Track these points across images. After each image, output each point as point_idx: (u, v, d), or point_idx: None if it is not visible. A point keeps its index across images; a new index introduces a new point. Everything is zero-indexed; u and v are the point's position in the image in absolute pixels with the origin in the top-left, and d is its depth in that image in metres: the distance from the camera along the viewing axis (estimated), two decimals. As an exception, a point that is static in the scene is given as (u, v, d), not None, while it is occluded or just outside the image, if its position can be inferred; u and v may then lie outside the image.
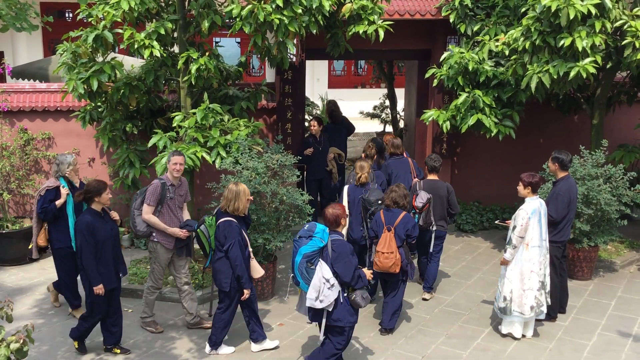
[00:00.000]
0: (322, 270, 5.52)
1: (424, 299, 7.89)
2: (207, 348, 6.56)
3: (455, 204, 7.80)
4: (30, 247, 7.18)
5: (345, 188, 7.84)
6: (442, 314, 7.56)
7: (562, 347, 6.74)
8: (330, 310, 5.59)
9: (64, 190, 6.96)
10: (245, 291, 6.25)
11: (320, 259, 5.57)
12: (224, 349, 6.58)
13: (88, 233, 5.97)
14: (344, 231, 7.33)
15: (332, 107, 11.42)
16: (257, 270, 6.45)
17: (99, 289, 6.04)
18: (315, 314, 5.72)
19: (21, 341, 3.82)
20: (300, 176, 8.17)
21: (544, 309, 6.81)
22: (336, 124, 11.24)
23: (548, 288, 6.86)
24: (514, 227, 6.65)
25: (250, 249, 6.44)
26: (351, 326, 5.77)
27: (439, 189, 7.68)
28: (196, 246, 7.08)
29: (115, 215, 6.40)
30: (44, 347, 6.61)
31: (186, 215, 7.00)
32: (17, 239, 8.94)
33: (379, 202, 7.11)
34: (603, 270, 8.84)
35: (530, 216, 6.58)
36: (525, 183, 6.68)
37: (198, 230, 6.35)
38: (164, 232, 6.73)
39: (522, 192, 6.72)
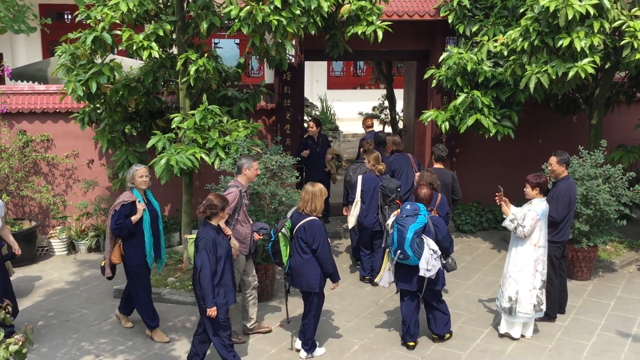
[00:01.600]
0: (429, 243, 6.24)
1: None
2: (303, 354, 6.46)
3: (458, 190, 8.40)
4: (102, 264, 6.79)
5: (360, 178, 8.17)
6: (442, 314, 7.55)
7: (561, 348, 6.73)
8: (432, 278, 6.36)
9: (140, 206, 6.57)
10: (335, 284, 6.46)
11: (423, 234, 6.27)
12: (319, 351, 6.58)
13: (212, 250, 5.70)
14: (353, 219, 7.79)
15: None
16: None
17: (213, 312, 5.70)
18: (418, 282, 6.42)
19: (20, 343, 3.82)
20: (300, 177, 8.18)
21: (543, 307, 6.83)
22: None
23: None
24: (523, 226, 6.51)
25: None
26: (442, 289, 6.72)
27: (445, 177, 8.19)
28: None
29: (228, 230, 6.10)
30: (43, 349, 6.61)
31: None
32: (17, 240, 8.89)
33: (399, 189, 7.88)
34: (602, 270, 8.84)
35: (540, 217, 6.57)
36: (533, 184, 6.63)
37: (280, 234, 6.24)
38: (239, 238, 6.64)
39: (531, 194, 6.66)
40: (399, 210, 6.46)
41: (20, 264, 8.98)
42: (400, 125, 14.84)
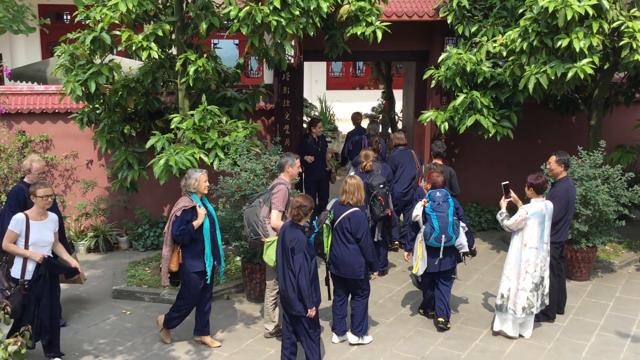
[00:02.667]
0: (460, 223, 6.97)
1: None
2: (353, 338, 6.72)
3: (456, 186, 8.73)
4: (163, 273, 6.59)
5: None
6: (441, 315, 7.56)
7: (560, 348, 6.74)
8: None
9: (202, 211, 6.42)
10: (376, 273, 6.73)
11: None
12: (368, 338, 6.82)
13: (308, 251, 5.81)
14: None
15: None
16: None
17: (313, 312, 5.83)
18: (454, 260, 7.05)
19: (19, 344, 3.82)
20: (299, 177, 8.18)
21: (534, 311, 6.80)
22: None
23: (547, 290, 6.88)
24: (508, 219, 6.71)
25: None
26: None
27: (443, 172, 8.14)
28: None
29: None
30: (41, 349, 6.59)
31: None
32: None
33: (381, 185, 7.99)
34: (601, 270, 8.84)
35: (531, 217, 6.57)
36: (528, 184, 6.71)
37: (325, 225, 6.39)
38: None
39: (527, 193, 6.76)
40: (425, 200, 6.89)
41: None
42: (400, 125, 14.86)
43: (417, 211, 6.93)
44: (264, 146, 8.19)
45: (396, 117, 15.68)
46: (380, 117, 16.41)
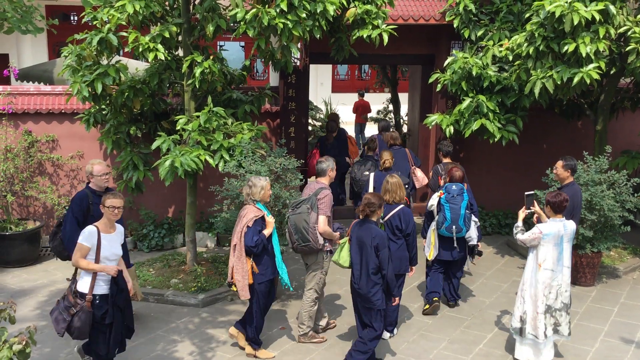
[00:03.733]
0: (472, 217, 7.39)
1: None
2: (387, 335, 6.98)
3: (466, 180, 8.94)
4: (233, 289, 6.31)
5: (372, 175, 8.56)
6: (444, 319, 7.55)
7: (564, 353, 6.72)
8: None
9: (271, 219, 6.33)
10: (414, 268, 6.94)
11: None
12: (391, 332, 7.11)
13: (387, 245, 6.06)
14: None
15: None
16: None
17: (398, 300, 6.52)
18: (462, 250, 7.50)
19: (23, 343, 3.83)
20: (303, 179, 8.19)
21: (549, 333, 6.28)
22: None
23: (563, 316, 6.33)
24: (522, 233, 6.31)
25: None
26: None
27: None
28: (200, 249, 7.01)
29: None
30: (46, 349, 6.62)
31: None
32: (21, 240, 8.96)
33: (406, 185, 8.23)
34: (606, 276, 8.82)
35: (545, 237, 6.10)
36: (545, 201, 6.24)
37: (381, 223, 6.56)
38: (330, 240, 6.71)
39: (546, 210, 6.29)
40: (442, 192, 7.33)
41: (24, 264, 9.01)
42: (405, 129, 14.85)
43: (433, 201, 7.46)
44: (269, 148, 8.20)
45: (401, 121, 15.67)
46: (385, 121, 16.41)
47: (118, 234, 5.82)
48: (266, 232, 6.24)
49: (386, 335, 6.96)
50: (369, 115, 17.81)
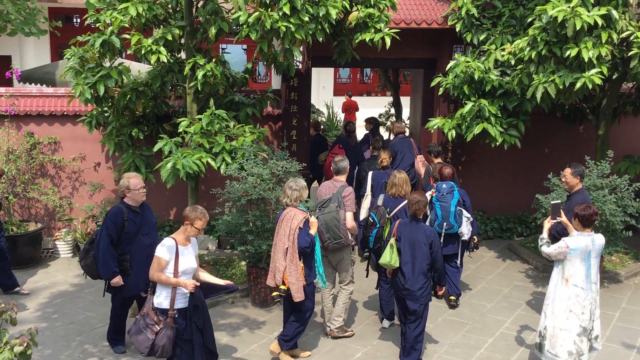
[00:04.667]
0: (464, 213, 7.59)
1: None
2: (386, 323, 7.31)
3: (457, 180, 9.04)
4: (284, 288, 6.12)
5: (370, 174, 8.62)
6: (446, 323, 7.54)
7: (565, 358, 6.70)
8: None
9: (314, 219, 6.36)
10: None
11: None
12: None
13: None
14: (364, 211, 8.02)
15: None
16: None
17: (443, 290, 6.57)
18: (456, 245, 7.73)
19: (25, 344, 3.83)
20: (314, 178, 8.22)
21: (584, 359, 5.87)
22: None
23: (595, 333, 5.98)
24: (548, 246, 5.97)
25: None
26: None
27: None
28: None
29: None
30: (47, 351, 6.62)
31: None
32: (22, 242, 8.96)
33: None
34: (607, 281, 8.80)
35: (571, 252, 5.76)
36: (574, 214, 5.88)
37: (388, 219, 6.83)
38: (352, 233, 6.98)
39: (572, 224, 5.97)
40: (434, 190, 7.55)
41: (25, 265, 9.01)
42: (407, 132, 14.85)
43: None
44: (271, 151, 8.20)
45: (403, 124, 15.67)
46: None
47: (193, 245, 5.68)
48: (312, 232, 6.23)
49: (386, 324, 7.34)
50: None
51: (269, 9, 7.35)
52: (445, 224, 7.45)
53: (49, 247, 9.64)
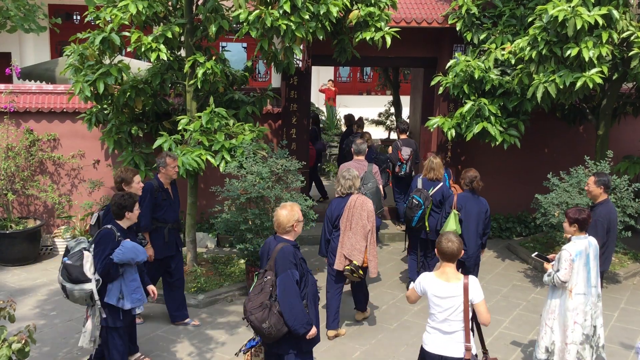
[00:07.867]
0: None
1: None
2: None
3: (418, 155, 10.32)
4: (350, 270, 6.73)
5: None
6: (444, 322, 7.53)
7: (564, 358, 6.70)
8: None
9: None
10: None
11: None
12: None
13: None
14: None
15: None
16: None
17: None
18: None
19: (23, 341, 3.82)
20: (305, 181, 8.20)
21: None
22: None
23: (601, 341, 5.84)
24: (558, 270, 5.69)
25: None
26: None
27: (411, 144, 10.11)
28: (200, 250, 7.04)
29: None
30: (45, 348, 6.61)
31: None
32: (21, 239, 8.96)
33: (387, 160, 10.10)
34: (606, 281, 8.80)
35: (575, 258, 5.61)
36: (571, 220, 5.67)
37: (431, 202, 7.74)
38: None
39: (568, 230, 5.74)
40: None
41: (24, 262, 9.01)
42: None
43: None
44: (271, 149, 8.20)
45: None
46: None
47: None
48: None
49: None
50: (370, 118, 17.84)
51: (270, 7, 7.35)
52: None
53: (47, 244, 9.63)
